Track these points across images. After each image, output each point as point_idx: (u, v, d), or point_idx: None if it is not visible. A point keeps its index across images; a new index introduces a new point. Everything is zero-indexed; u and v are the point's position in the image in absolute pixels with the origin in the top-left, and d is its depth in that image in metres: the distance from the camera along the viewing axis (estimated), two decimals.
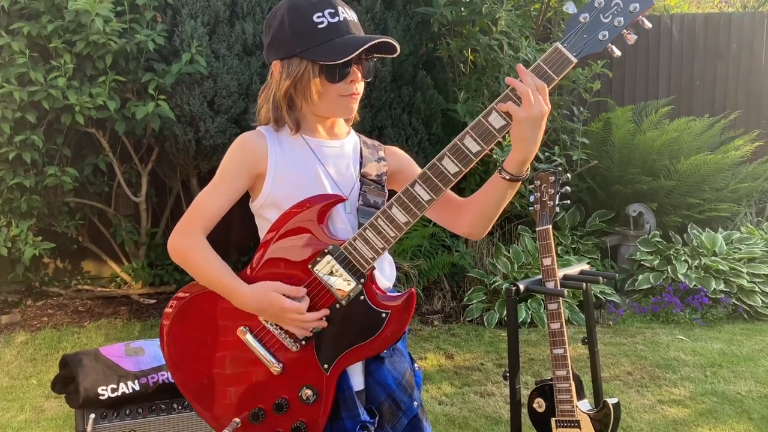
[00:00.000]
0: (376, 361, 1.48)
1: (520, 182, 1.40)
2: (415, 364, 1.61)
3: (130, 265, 5.23)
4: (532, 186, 2.37)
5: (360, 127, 1.68)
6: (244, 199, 1.55)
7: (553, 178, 2.30)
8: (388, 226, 1.38)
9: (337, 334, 1.42)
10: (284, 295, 1.40)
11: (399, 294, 1.43)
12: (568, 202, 2.34)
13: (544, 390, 2.37)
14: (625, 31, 1.30)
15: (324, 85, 1.43)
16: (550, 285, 2.26)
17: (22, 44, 4.15)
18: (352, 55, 1.38)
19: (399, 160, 1.61)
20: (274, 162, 1.46)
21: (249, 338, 1.45)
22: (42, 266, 5.42)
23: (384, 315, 1.40)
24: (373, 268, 1.41)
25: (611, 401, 2.30)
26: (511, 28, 4.48)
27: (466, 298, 4.75)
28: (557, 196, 2.29)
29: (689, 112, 5.84)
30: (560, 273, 2.32)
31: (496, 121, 1.33)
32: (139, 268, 5.13)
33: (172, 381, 1.64)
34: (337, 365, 1.42)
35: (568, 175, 2.32)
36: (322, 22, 1.40)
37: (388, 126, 4.73)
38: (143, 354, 2.15)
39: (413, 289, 1.43)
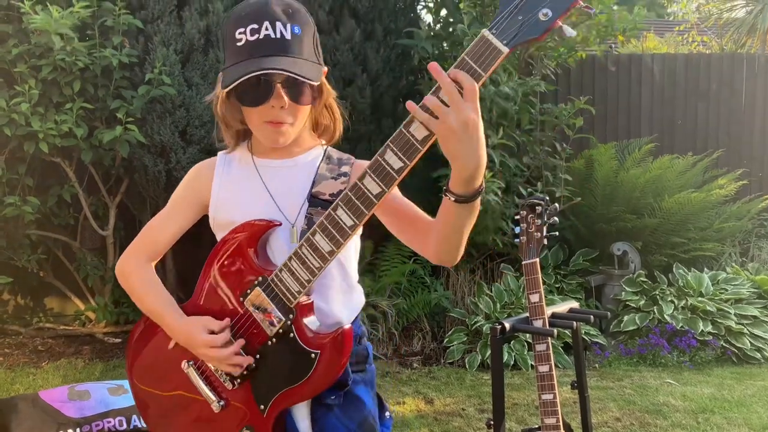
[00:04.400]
0: (322, 408, 1.35)
1: (476, 200, 1.16)
2: (387, 412, 1.46)
3: (95, 303, 4.97)
4: (518, 217, 2.21)
5: None
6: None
7: (540, 209, 2.15)
8: (312, 255, 1.23)
9: (271, 374, 1.31)
10: (210, 330, 1.33)
11: (331, 332, 1.27)
12: (557, 234, 2.18)
13: None
14: (582, 2, 1.03)
15: (245, 108, 1.33)
16: (538, 324, 2.09)
17: None
18: (231, 85, 1.24)
19: None
20: (218, 186, 1.42)
21: (192, 372, 1.39)
22: (1, 303, 5.14)
23: (313, 356, 1.26)
24: (306, 301, 1.29)
25: None
26: None
27: (446, 339, 4.55)
28: (545, 227, 2.14)
29: (671, 151, 5.78)
30: (548, 311, 2.15)
31: (418, 131, 1.11)
32: (103, 306, 4.87)
33: (120, 429, 1.51)
34: (274, 406, 1.31)
35: (556, 205, 2.17)
36: (240, 40, 1.28)
37: (367, 159, 4.59)
38: (89, 398, 1.94)
39: (346, 327, 1.27)
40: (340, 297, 1.38)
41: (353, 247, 1.43)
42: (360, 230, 1.26)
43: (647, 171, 5.18)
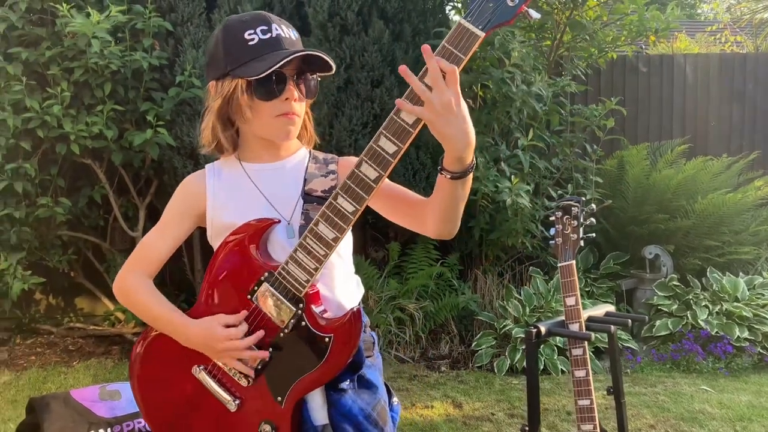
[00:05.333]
0: (337, 392, 1.39)
1: (469, 175, 1.26)
2: (394, 399, 1.50)
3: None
4: (552, 218, 2.17)
5: None
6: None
7: (576, 209, 2.10)
8: (317, 244, 1.29)
9: (285, 365, 1.35)
10: (227, 324, 1.35)
11: (341, 315, 1.34)
12: (594, 235, 2.13)
13: None
14: None
15: (256, 103, 1.38)
16: (575, 327, 2.04)
17: (19, 70, 4.03)
18: (273, 68, 1.31)
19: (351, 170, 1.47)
20: (212, 195, 1.45)
21: (204, 376, 1.41)
22: (33, 303, 5.21)
23: (327, 339, 1.31)
24: (313, 290, 1.35)
25: None
26: (524, 61, 4.33)
27: (474, 343, 4.49)
28: (581, 228, 2.09)
29: (705, 153, 5.66)
30: (584, 314, 2.10)
31: (408, 116, 1.20)
32: None
33: (149, 429, 1.50)
34: (291, 396, 1.34)
35: (593, 206, 2.12)
36: (252, 39, 1.36)
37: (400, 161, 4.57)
38: (119, 398, 1.94)
39: (356, 308, 1.33)
40: (342, 286, 1.45)
41: (348, 239, 1.49)
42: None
43: (680, 172, 5.08)
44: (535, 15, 1.18)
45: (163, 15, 4.33)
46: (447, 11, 5.19)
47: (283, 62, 1.31)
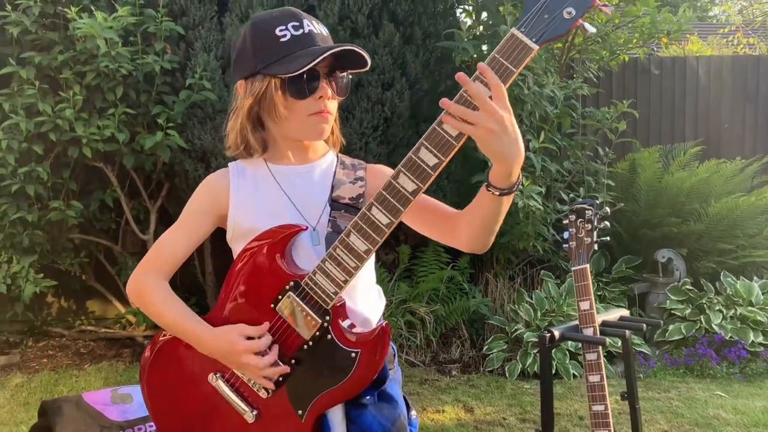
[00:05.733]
0: (358, 407, 1.35)
1: (513, 194, 1.22)
2: (412, 412, 1.46)
3: (135, 307, 5.02)
4: (566, 222, 2.15)
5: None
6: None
7: (590, 212, 2.08)
8: (348, 255, 1.23)
9: (308, 378, 1.30)
10: (247, 337, 1.30)
11: (369, 331, 1.29)
12: (608, 238, 2.11)
13: None
14: (599, 1, 1.09)
15: (289, 102, 1.33)
16: (589, 332, 2.02)
17: (32, 74, 4.06)
18: (311, 65, 1.26)
19: (381, 178, 1.40)
20: (236, 196, 1.40)
21: (221, 384, 1.36)
22: (45, 306, 5.23)
23: (354, 354, 1.27)
24: (340, 302, 1.29)
25: None
26: (536, 63, 4.31)
27: (486, 347, 4.47)
28: (595, 231, 2.07)
29: (718, 155, 5.61)
30: (598, 319, 2.08)
31: (452, 128, 1.14)
32: None
33: None
34: (312, 411, 1.29)
35: (607, 209, 2.10)
36: (284, 36, 1.31)
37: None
38: (131, 402, 1.93)
39: (385, 324, 1.29)
40: (366, 297, 1.41)
41: None
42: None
43: (693, 175, 5.04)
44: (590, 29, 1.13)
45: (174, 18, 4.35)
46: (458, 14, 5.17)
47: (321, 58, 1.26)
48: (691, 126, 6.03)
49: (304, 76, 1.29)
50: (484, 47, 4.73)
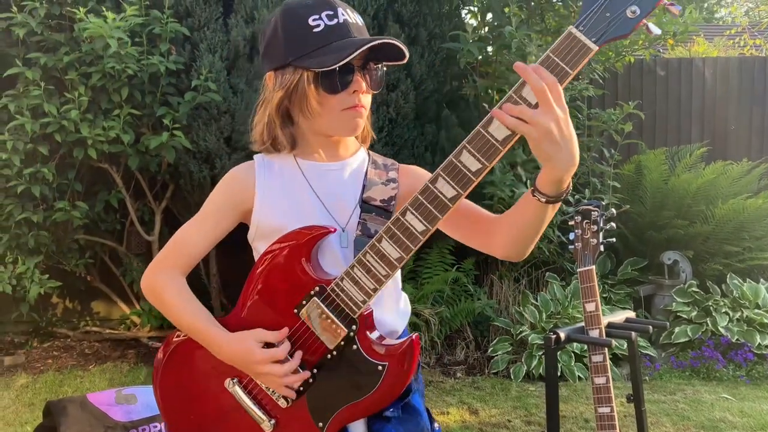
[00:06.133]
0: (380, 421, 1.27)
1: (560, 203, 1.15)
2: (435, 424, 1.39)
3: (139, 308, 5.03)
4: (572, 223, 2.14)
5: None
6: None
7: (596, 213, 2.07)
8: (378, 263, 1.16)
9: (331, 389, 1.22)
10: (265, 343, 1.22)
11: (398, 343, 1.21)
12: (614, 240, 2.10)
13: None
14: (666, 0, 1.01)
15: (322, 96, 1.25)
16: (594, 334, 2.00)
17: (37, 75, 4.07)
18: (347, 59, 1.18)
19: (414, 180, 1.34)
20: (262, 192, 1.31)
21: (238, 391, 1.28)
22: (50, 306, 5.24)
23: (381, 368, 1.19)
24: (368, 311, 1.21)
25: None
26: None
27: (491, 349, 4.46)
28: (601, 233, 2.05)
29: (724, 157, 5.59)
30: (604, 321, 2.07)
31: (498, 131, 1.07)
32: (147, 311, 4.92)
33: None
34: (333, 424, 1.22)
35: (613, 210, 2.09)
36: (318, 26, 1.22)
37: (410, 164, 4.55)
38: (135, 402, 1.93)
39: (415, 337, 1.20)
40: (393, 305, 1.34)
41: None
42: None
43: (699, 177, 5.02)
44: (655, 30, 1.05)
45: (179, 20, 4.35)
46: (463, 15, 5.17)
47: (358, 52, 1.18)
48: (697, 127, 6.01)
49: (338, 69, 1.21)
50: (489, 48, 4.73)
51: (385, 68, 1.30)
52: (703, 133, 5.96)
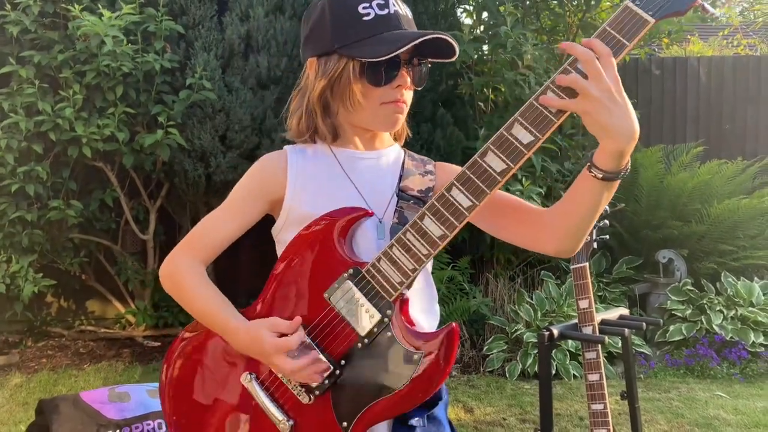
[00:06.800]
0: (404, 429, 1.19)
1: (619, 180, 1.07)
2: None
3: (134, 307, 5.02)
4: None
5: None
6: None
7: None
8: (419, 241, 1.09)
9: (359, 383, 1.13)
10: (279, 332, 1.15)
11: (437, 330, 1.13)
12: (607, 237, 2.10)
13: None
14: None
15: (365, 89, 1.20)
16: (588, 331, 2.01)
17: (31, 73, 4.05)
18: (399, 51, 1.14)
19: (450, 176, 1.23)
20: (293, 179, 1.25)
21: (254, 387, 1.21)
22: (45, 305, 5.22)
23: (417, 357, 1.09)
24: (403, 296, 1.13)
25: None
26: (538, 63, 4.31)
27: (486, 348, 4.46)
28: (594, 230, 2.06)
29: (719, 156, 5.60)
30: (597, 318, 2.07)
31: (552, 106, 1.04)
32: (143, 310, 4.91)
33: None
34: (359, 424, 1.13)
35: (607, 208, 2.09)
36: (368, 14, 1.17)
37: None
38: (128, 400, 1.92)
39: (455, 324, 1.10)
40: (425, 305, 1.26)
41: None
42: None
43: (694, 176, 5.03)
44: (712, 10, 1.04)
45: (174, 18, 4.34)
46: (458, 14, 5.17)
47: (411, 45, 1.13)
48: (692, 126, 6.02)
49: (384, 62, 1.16)
50: (485, 47, 4.73)
51: (430, 65, 1.25)
52: (698, 131, 5.97)
